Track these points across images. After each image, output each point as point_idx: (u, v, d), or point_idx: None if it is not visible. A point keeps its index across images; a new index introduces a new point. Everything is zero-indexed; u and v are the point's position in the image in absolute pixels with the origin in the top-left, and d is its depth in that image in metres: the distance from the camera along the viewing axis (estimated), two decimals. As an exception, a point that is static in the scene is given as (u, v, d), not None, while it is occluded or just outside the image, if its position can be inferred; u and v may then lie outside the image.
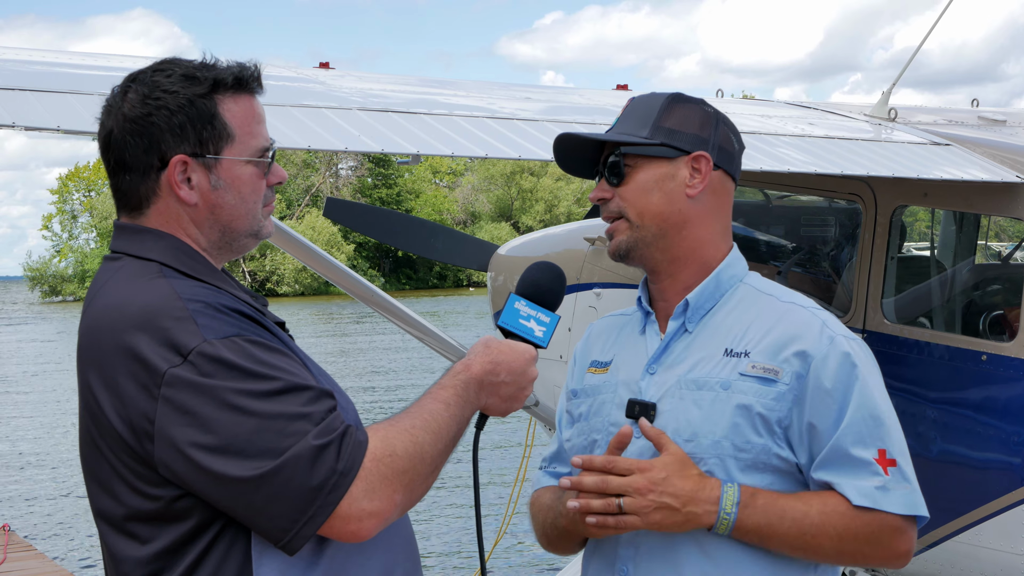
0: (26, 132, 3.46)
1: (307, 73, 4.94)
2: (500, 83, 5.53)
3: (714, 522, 2.23)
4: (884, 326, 5.05)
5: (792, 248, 5.98)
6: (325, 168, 79.97)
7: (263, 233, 2.24)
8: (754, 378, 2.28)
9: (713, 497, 2.22)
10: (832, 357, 2.28)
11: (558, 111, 4.82)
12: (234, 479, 1.94)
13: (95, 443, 2.07)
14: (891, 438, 2.27)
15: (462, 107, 4.51)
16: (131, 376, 1.98)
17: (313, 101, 4.17)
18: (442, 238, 7.63)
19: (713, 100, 6.12)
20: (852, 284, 5.19)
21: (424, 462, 2.07)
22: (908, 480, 2.27)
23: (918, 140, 5.13)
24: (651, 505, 2.21)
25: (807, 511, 2.24)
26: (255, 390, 1.96)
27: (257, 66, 2.22)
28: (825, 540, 2.24)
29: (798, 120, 5.31)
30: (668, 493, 2.21)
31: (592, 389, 2.51)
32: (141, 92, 2.13)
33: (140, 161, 2.13)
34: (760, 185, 5.80)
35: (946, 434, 4.86)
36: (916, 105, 6.45)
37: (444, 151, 4.01)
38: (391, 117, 4.18)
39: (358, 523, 1.98)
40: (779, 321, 2.34)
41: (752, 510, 2.23)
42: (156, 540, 2.03)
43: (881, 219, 5.09)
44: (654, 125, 2.41)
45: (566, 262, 6.51)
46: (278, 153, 2.31)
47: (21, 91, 3.60)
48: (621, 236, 2.43)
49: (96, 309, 2.10)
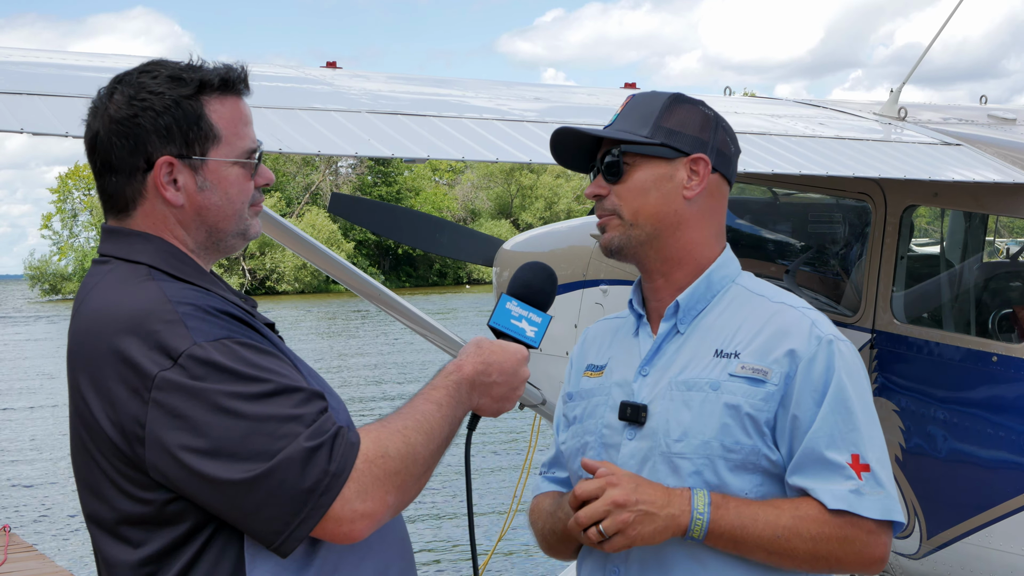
0: None
1: (314, 73, 4.90)
2: (508, 82, 5.49)
3: (688, 523, 2.23)
4: (893, 326, 5.03)
5: (801, 247, 5.95)
6: (325, 166, 79.90)
7: (250, 234, 2.24)
8: (743, 379, 2.29)
9: (685, 498, 2.25)
10: (819, 358, 2.29)
11: (568, 112, 4.80)
12: (226, 482, 1.93)
13: (86, 447, 2.07)
14: (865, 443, 2.27)
15: (472, 108, 4.48)
16: (121, 380, 1.98)
17: (321, 103, 4.14)
18: (447, 233, 7.59)
19: (721, 99, 6.12)
20: (861, 283, 5.16)
21: (416, 463, 2.06)
22: (882, 485, 2.26)
23: (929, 140, 5.11)
24: (631, 516, 2.22)
25: (779, 514, 2.25)
26: (246, 392, 1.95)
27: (244, 67, 2.22)
28: (799, 543, 2.24)
29: (808, 120, 5.28)
30: (644, 500, 2.23)
31: (587, 392, 2.53)
32: (127, 93, 2.13)
33: (126, 163, 2.13)
34: (768, 184, 5.78)
35: (956, 435, 4.84)
36: (925, 103, 6.42)
37: (455, 155, 3.97)
38: (401, 120, 4.14)
39: (351, 524, 1.98)
40: (769, 322, 2.35)
41: (725, 511, 2.24)
42: (148, 544, 2.02)
43: (891, 219, 5.07)
44: (655, 125, 2.41)
45: (572, 258, 6.49)
46: (268, 153, 2.31)
47: (29, 95, 3.55)
48: (613, 233, 2.44)
49: (86, 313, 2.10)
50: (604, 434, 2.43)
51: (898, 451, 5.00)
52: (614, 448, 2.40)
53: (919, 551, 5.02)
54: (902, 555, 5.11)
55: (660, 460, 2.33)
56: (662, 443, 2.33)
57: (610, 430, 2.42)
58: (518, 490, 7.75)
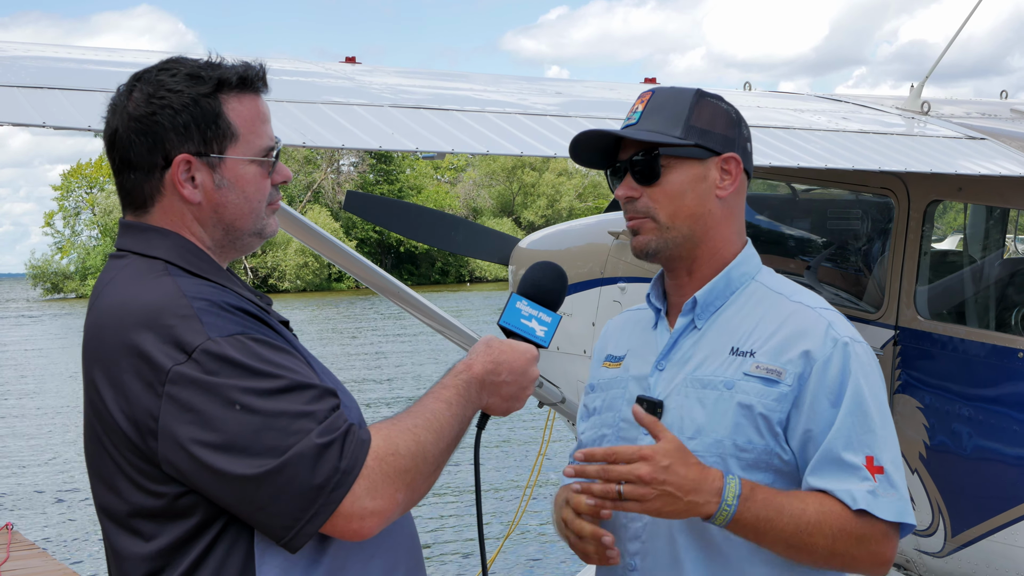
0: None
1: (334, 68, 4.87)
2: (530, 77, 5.47)
3: (714, 512, 2.20)
4: (917, 322, 4.99)
5: (823, 243, 5.91)
6: (327, 164, 79.91)
7: (266, 232, 2.26)
8: (757, 379, 2.29)
9: (715, 488, 2.20)
10: (834, 360, 2.28)
11: (590, 106, 4.74)
12: (237, 477, 1.95)
13: (99, 440, 2.09)
14: (879, 445, 2.27)
15: (494, 103, 4.44)
16: (136, 373, 2.00)
17: (343, 97, 4.11)
18: (463, 231, 7.55)
19: (742, 94, 6.07)
20: (884, 280, 5.12)
21: (426, 461, 2.07)
22: (896, 488, 2.27)
23: (953, 134, 5.07)
24: (652, 493, 2.18)
25: (804, 508, 2.23)
26: (259, 388, 1.97)
27: (263, 65, 2.23)
28: (820, 539, 2.23)
29: (831, 114, 5.24)
30: (671, 482, 2.18)
31: (606, 383, 2.54)
32: (146, 91, 2.14)
33: (144, 160, 2.15)
34: (789, 179, 5.74)
35: (980, 432, 4.80)
36: (947, 98, 6.37)
37: (479, 149, 3.94)
38: (423, 114, 4.11)
39: (360, 522, 1.99)
40: (786, 321, 2.35)
41: (752, 503, 2.21)
42: (159, 537, 2.04)
43: (914, 214, 5.03)
44: (686, 124, 2.39)
45: (590, 256, 6.45)
46: (281, 151, 2.31)
47: (50, 89, 3.52)
48: (649, 236, 2.41)
49: (102, 306, 2.12)
50: (621, 427, 2.44)
51: (922, 448, 4.96)
52: (630, 442, 2.40)
53: (943, 549, 4.98)
54: (926, 553, 5.07)
55: None
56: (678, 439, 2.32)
57: (627, 424, 2.42)
58: (530, 479, 7.71)
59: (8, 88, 3.36)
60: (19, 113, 3.22)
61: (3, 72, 3.57)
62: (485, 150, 3.94)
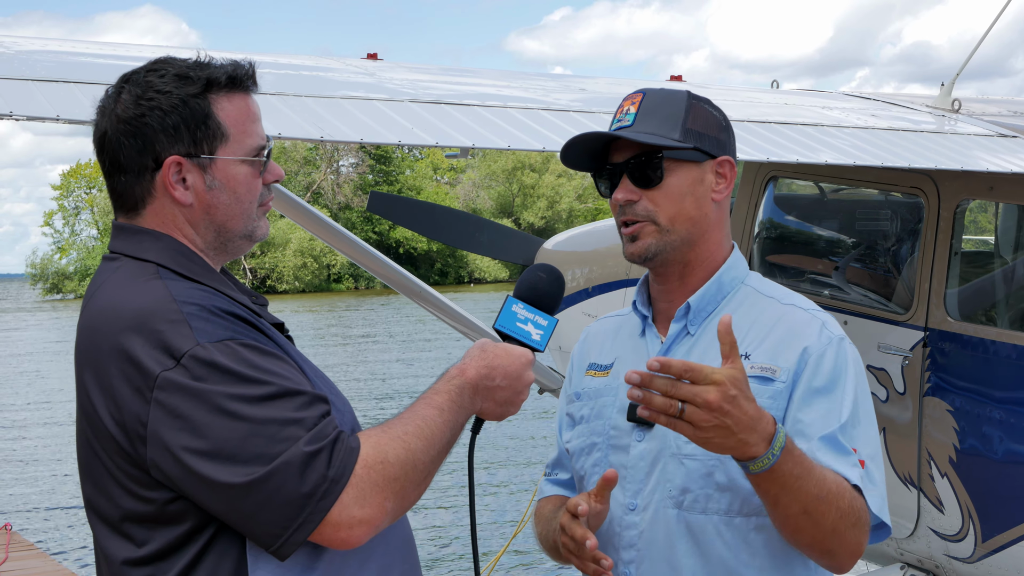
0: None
1: (355, 64, 4.82)
2: (552, 75, 5.38)
3: (758, 456, 2.09)
4: (947, 323, 4.89)
5: (851, 244, 5.81)
6: (326, 165, 79.92)
7: (256, 235, 2.24)
8: (753, 379, 2.26)
9: (768, 433, 2.10)
10: (828, 355, 2.29)
11: (613, 102, 4.66)
12: (225, 484, 1.94)
13: (90, 444, 2.08)
14: (862, 440, 2.27)
15: (516, 99, 4.39)
16: (125, 378, 1.99)
17: (364, 93, 4.06)
18: (487, 233, 7.45)
19: (771, 92, 5.97)
20: (913, 280, 5.03)
21: (416, 469, 2.05)
22: (876, 484, 2.26)
23: (984, 132, 4.98)
24: (712, 421, 2.04)
25: (825, 476, 2.19)
26: (247, 395, 1.95)
27: (252, 64, 2.21)
28: (831, 511, 2.16)
29: (860, 112, 5.16)
30: (732, 415, 2.04)
31: (593, 392, 2.50)
32: (134, 93, 2.13)
33: (134, 162, 2.14)
34: (816, 178, 5.63)
35: (1012, 435, 4.71)
36: (976, 96, 6.28)
37: (500, 144, 3.88)
38: (444, 109, 4.06)
39: (348, 530, 1.97)
40: (779, 323, 2.34)
41: (790, 457, 2.13)
42: (150, 542, 2.03)
43: (944, 213, 4.93)
44: (684, 127, 2.37)
45: (615, 257, 6.36)
46: (276, 149, 2.29)
47: (65, 83, 3.46)
48: (649, 240, 2.38)
49: (93, 309, 2.11)
50: (612, 435, 2.42)
51: (952, 452, 4.87)
52: (623, 450, 2.39)
53: (973, 555, 4.89)
54: (956, 558, 4.97)
55: (670, 461, 2.32)
56: (672, 445, 2.32)
57: (618, 431, 2.40)
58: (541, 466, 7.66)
59: (23, 82, 3.36)
60: (34, 106, 3.19)
61: (19, 66, 3.55)
62: (507, 145, 3.89)
